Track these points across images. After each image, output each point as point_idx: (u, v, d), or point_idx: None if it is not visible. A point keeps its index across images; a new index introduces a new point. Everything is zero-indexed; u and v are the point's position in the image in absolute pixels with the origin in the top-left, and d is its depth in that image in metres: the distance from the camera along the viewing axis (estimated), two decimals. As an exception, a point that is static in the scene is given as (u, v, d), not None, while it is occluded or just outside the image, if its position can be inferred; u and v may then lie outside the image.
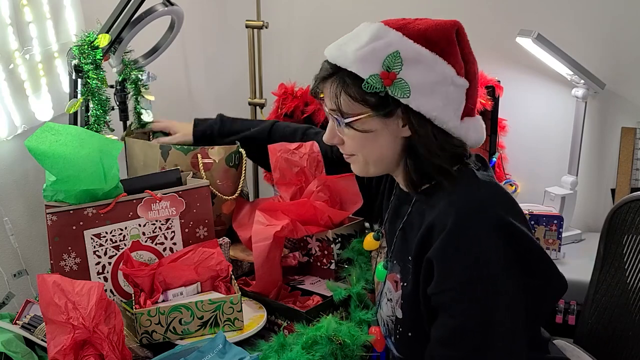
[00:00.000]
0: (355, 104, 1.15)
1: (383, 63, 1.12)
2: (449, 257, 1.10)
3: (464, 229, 1.09)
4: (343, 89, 1.16)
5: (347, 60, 1.14)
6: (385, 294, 1.26)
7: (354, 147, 1.21)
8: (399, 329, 1.22)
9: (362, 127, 1.17)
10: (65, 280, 1.21)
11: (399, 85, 1.12)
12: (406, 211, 1.25)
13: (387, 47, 1.13)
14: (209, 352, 1.21)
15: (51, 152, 1.36)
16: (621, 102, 2.28)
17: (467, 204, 1.13)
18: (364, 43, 1.14)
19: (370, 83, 1.12)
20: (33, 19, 1.67)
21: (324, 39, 2.56)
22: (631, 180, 2.26)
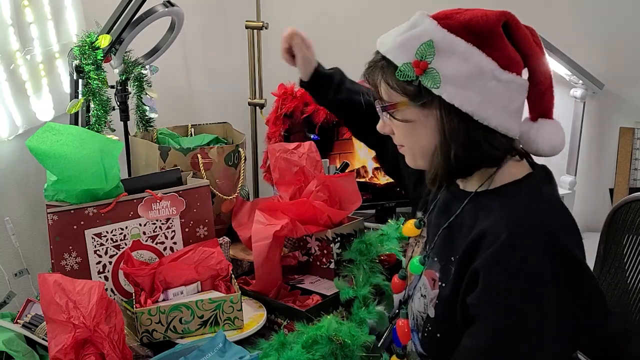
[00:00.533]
0: (393, 92, 1.12)
1: (416, 51, 1.09)
2: (497, 272, 1.04)
3: (518, 246, 1.04)
4: (382, 77, 1.13)
5: (386, 47, 1.12)
6: (420, 289, 1.21)
7: (400, 137, 1.18)
8: (428, 327, 1.18)
9: (401, 117, 1.13)
10: (66, 280, 1.21)
11: (430, 75, 1.08)
12: (457, 209, 1.19)
13: (421, 35, 1.09)
14: (209, 351, 1.21)
15: (52, 152, 1.36)
16: (619, 102, 2.28)
17: (525, 219, 1.06)
18: (403, 30, 1.12)
19: (403, 71, 1.09)
20: (34, 19, 1.68)
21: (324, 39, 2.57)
22: (629, 180, 2.27)
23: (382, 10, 2.46)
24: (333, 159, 2.25)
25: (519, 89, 1.12)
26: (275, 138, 2.14)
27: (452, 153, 1.10)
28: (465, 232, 1.14)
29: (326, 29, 2.55)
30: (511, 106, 1.11)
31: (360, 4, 2.51)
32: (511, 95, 1.10)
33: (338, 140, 2.25)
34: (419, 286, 1.22)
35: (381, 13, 2.45)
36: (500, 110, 1.09)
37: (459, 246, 1.13)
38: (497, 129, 1.09)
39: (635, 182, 2.26)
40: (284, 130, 2.15)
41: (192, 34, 2.38)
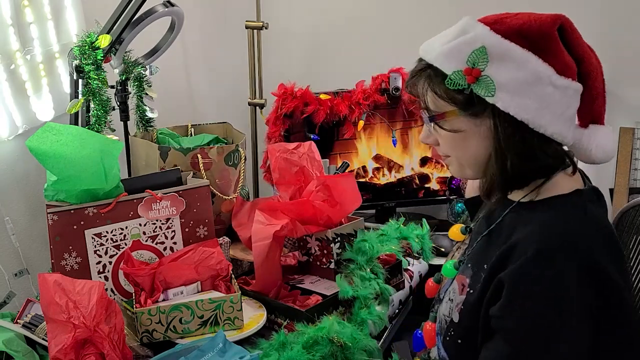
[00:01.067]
0: (441, 101, 1.09)
1: (468, 59, 1.04)
2: (523, 285, 1.01)
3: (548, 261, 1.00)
4: (429, 86, 1.09)
5: (433, 54, 1.08)
6: (449, 293, 1.19)
7: (446, 147, 1.14)
8: (451, 332, 1.16)
9: (450, 127, 1.09)
10: (66, 280, 1.21)
11: (483, 83, 1.03)
12: (498, 217, 1.16)
13: (473, 42, 1.05)
14: (209, 351, 1.21)
15: (52, 152, 1.36)
16: (619, 102, 2.28)
17: (561, 234, 1.03)
18: (451, 37, 1.07)
19: (453, 79, 1.05)
20: (34, 19, 1.68)
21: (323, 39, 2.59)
22: (630, 180, 2.26)
23: (382, 10, 2.46)
24: (333, 159, 2.25)
25: (574, 94, 1.07)
26: (275, 138, 2.15)
27: (508, 162, 1.06)
28: (501, 242, 1.10)
29: (326, 28, 2.55)
30: (567, 113, 1.07)
31: (360, 4, 2.51)
32: (568, 102, 1.06)
33: (338, 140, 2.25)
34: (449, 290, 1.20)
35: (381, 13, 2.45)
36: (557, 117, 1.05)
37: (492, 255, 1.10)
38: (553, 137, 1.05)
39: (635, 182, 2.26)
40: (284, 130, 2.16)
41: (192, 34, 2.38)
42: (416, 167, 2.31)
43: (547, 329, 1.00)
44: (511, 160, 1.06)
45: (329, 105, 2.15)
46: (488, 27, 1.05)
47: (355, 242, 1.59)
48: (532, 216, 1.08)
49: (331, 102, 2.16)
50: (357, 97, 2.17)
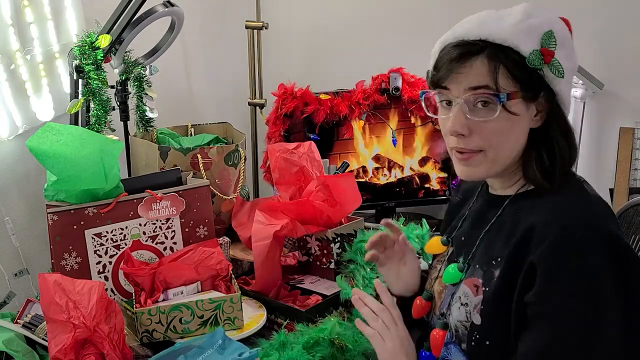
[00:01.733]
0: (511, 80, 1.07)
1: (541, 40, 1.07)
2: (557, 265, 1.01)
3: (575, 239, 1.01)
4: (501, 62, 1.08)
5: (503, 34, 1.07)
6: (460, 299, 1.17)
7: (490, 135, 1.09)
8: (475, 336, 1.13)
9: (512, 108, 1.07)
10: (66, 280, 1.21)
11: (555, 64, 1.06)
12: (494, 215, 1.17)
13: (543, 24, 1.08)
14: (209, 348, 1.22)
15: (52, 152, 1.37)
16: (619, 102, 2.28)
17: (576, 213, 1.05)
18: (521, 18, 1.08)
19: (532, 59, 1.06)
20: (34, 19, 1.68)
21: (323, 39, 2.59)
22: (629, 180, 2.27)
23: (382, 10, 2.46)
24: (333, 159, 2.26)
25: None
26: (275, 138, 2.15)
27: (558, 149, 1.10)
28: (506, 234, 1.11)
29: (326, 28, 2.56)
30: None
31: (360, 4, 2.51)
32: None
33: (338, 140, 2.25)
34: (457, 296, 1.18)
35: (381, 13, 2.46)
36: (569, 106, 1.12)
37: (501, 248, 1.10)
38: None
39: (635, 182, 2.26)
40: (284, 130, 2.16)
41: (192, 34, 2.38)
42: (416, 167, 2.31)
43: (588, 308, 1.00)
44: (569, 141, 1.11)
45: (329, 105, 2.15)
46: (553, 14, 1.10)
47: (355, 242, 1.59)
48: (535, 202, 1.10)
49: (331, 102, 2.16)
50: (357, 97, 2.17)
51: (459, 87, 1.09)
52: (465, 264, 1.19)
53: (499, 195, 1.18)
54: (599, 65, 2.22)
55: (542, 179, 1.11)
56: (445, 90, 1.11)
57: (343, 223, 1.62)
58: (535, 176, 1.11)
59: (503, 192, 1.17)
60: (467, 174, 1.14)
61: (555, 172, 1.11)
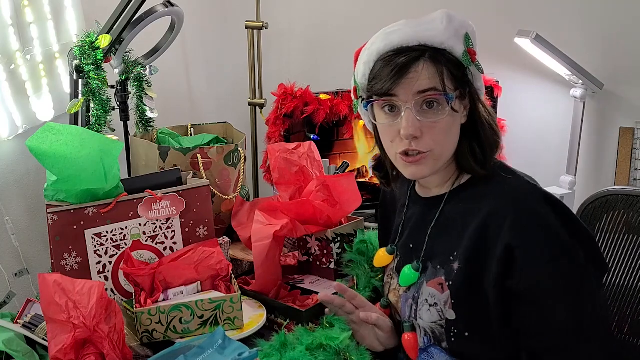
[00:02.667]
0: (451, 80, 1.14)
1: (464, 41, 1.15)
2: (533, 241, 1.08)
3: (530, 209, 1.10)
4: (443, 65, 1.13)
5: (440, 37, 1.13)
6: (426, 301, 1.19)
7: (438, 135, 1.15)
8: (453, 331, 1.16)
9: (455, 107, 1.15)
10: (66, 280, 1.21)
11: (477, 63, 1.16)
12: (435, 214, 1.22)
13: (461, 27, 1.15)
14: (209, 348, 1.21)
15: (52, 152, 1.36)
16: (619, 102, 2.28)
17: (518, 187, 1.14)
18: (446, 23, 1.14)
19: (464, 59, 1.14)
20: (34, 19, 1.68)
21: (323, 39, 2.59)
22: (629, 180, 2.27)
23: (381, 10, 2.46)
24: (333, 158, 2.26)
25: None
26: (275, 138, 2.15)
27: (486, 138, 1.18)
28: (457, 228, 1.16)
29: (326, 28, 2.56)
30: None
31: (360, 4, 2.51)
32: None
33: (338, 140, 2.25)
34: (423, 299, 1.20)
35: (380, 13, 2.46)
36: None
37: (454, 242, 1.15)
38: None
39: (635, 182, 2.26)
40: (284, 130, 2.16)
41: (192, 34, 2.39)
42: (416, 167, 2.30)
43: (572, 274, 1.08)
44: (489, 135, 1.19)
45: (329, 105, 2.15)
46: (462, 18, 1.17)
47: (355, 243, 1.59)
48: (477, 191, 1.18)
49: (331, 102, 2.16)
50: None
51: (407, 92, 1.13)
52: (419, 263, 1.22)
53: (433, 196, 1.24)
54: (599, 65, 2.22)
55: (477, 167, 1.19)
56: (392, 97, 1.15)
57: (343, 223, 1.62)
58: (472, 166, 1.19)
59: (438, 192, 1.23)
60: (416, 173, 1.19)
61: (487, 159, 1.19)
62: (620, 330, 1.52)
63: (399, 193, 1.38)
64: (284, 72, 2.34)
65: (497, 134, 1.20)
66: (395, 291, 1.31)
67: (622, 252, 1.55)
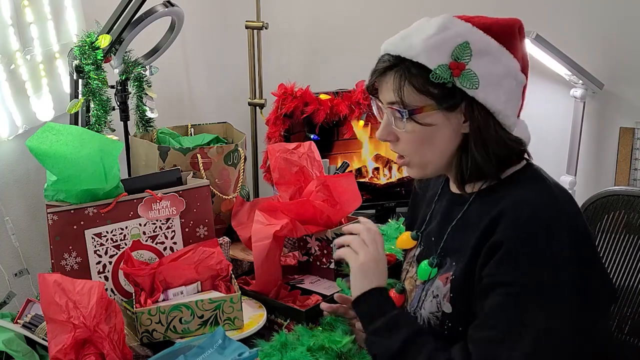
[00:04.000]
0: (419, 95, 1.11)
1: (452, 53, 1.10)
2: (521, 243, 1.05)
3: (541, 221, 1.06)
4: (407, 79, 1.11)
5: (414, 50, 1.11)
6: (432, 292, 1.20)
7: (410, 144, 1.16)
8: (447, 324, 1.17)
9: (424, 121, 1.13)
10: (66, 280, 1.21)
11: (467, 76, 1.10)
12: (459, 212, 1.21)
13: (456, 37, 1.10)
14: (209, 348, 1.21)
15: (52, 152, 1.36)
16: (619, 102, 2.28)
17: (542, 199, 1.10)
18: (432, 33, 1.11)
19: (438, 73, 1.09)
20: (34, 19, 1.68)
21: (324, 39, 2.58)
22: (629, 180, 2.27)
23: (381, 10, 2.46)
24: (333, 159, 2.25)
25: (522, 88, 1.18)
26: (275, 138, 2.14)
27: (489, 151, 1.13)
28: (473, 227, 1.15)
29: (326, 28, 2.55)
30: (518, 105, 1.18)
31: (360, 4, 2.51)
32: (520, 95, 1.17)
33: (338, 140, 2.25)
34: (430, 290, 1.21)
35: (380, 13, 2.45)
36: (515, 109, 1.16)
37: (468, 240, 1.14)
38: (510, 129, 1.15)
39: (635, 182, 2.26)
40: (284, 130, 2.16)
41: (192, 34, 2.39)
42: (416, 167, 2.30)
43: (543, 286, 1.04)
44: (492, 149, 1.13)
45: (329, 105, 2.15)
46: (469, 24, 1.12)
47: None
48: (500, 194, 1.14)
49: (331, 102, 2.16)
50: (357, 97, 2.17)
51: (382, 99, 1.18)
52: (435, 259, 1.22)
53: (458, 194, 1.22)
54: (599, 65, 2.22)
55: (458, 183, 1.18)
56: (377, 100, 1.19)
57: (343, 223, 1.62)
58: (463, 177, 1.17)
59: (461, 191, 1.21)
60: (409, 174, 1.23)
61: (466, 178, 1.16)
62: (621, 330, 1.52)
63: (433, 182, 1.37)
64: (284, 72, 2.34)
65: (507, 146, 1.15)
66: (412, 279, 1.31)
67: (623, 252, 1.55)
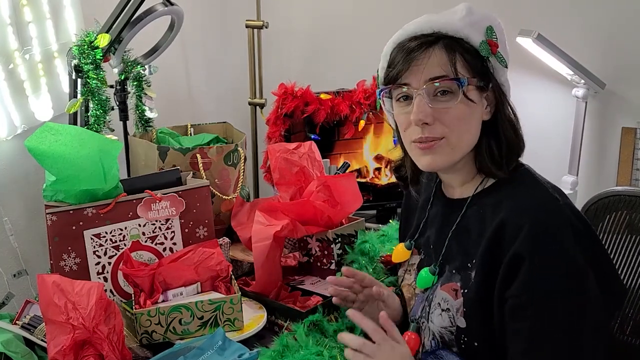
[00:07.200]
0: (466, 69, 1.12)
1: (485, 33, 1.14)
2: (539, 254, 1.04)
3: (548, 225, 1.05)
4: (457, 51, 1.12)
5: (454, 27, 1.13)
6: (439, 305, 1.18)
7: (452, 122, 1.12)
8: (463, 339, 1.14)
9: (470, 95, 1.12)
10: (65, 281, 1.20)
11: (500, 56, 1.14)
12: (457, 217, 1.20)
13: (483, 20, 1.15)
14: (209, 349, 1.21)
15: (51, 152, 1.36)
16: (621, 102, 2.28)
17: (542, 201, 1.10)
18: (464, 14, 1.14)
19: (482, 48, 1.13)
20: (33, 18, 1.67)
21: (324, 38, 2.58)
22: (631, 180, 2.26)
23: (381, 10, 2.46)
24: (334, 159, 2.25)
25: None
26: (275, 138, 2.14)
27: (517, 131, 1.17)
28: (475, 234, 1.13)
29: (326, 28, 2.55)
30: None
31: (361, 3, 2.50)
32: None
33: (339, 140, 2.24)
34: (436, 303, 1.19)
35: (380, 13, 2.45)
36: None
37: (473, 249, 1.13)
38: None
39: (637, 182, 2.25)
40: (285, 130, 2.15)
41: (192, 33, 2.38)
42: (417, 167, 2.30)
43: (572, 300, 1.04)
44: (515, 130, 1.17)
45: (329, 105, 2.14)
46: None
47: (357, 244, 1.58)
48: (497, 198, 1.14)
49: (332, 101, 2.15)
50: (358, 97, 2.17)
51: (418, 79, 1.13)
52: (436, 267, 1.21)
53: (457, 198, 1.21)
54: (600, 65, 2.22)
55: (493, 168, 1.16)
56: (403, 87, 1.15)
57: (344, 224, 1.61)
58: (487, 166, 1.16)
59: (462, 194, 1.21)
60: (430, 163, 1.16)
61: (504, 162, 1.16)
62: (622, 331, 1.51)
63: (424, 189, 1.36)
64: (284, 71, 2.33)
65: (520, 137, 1.18)
66: (410, 287, 1.30)
67: (625, 252, 1.54)
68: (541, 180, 1.16)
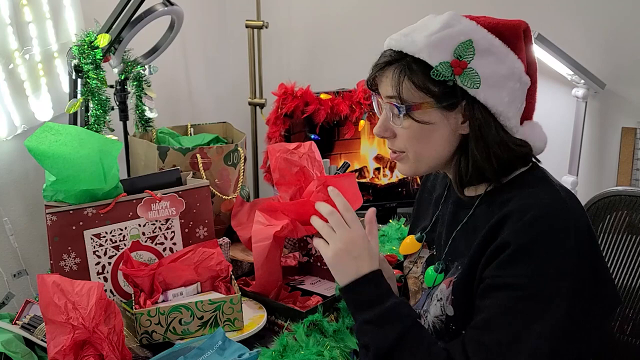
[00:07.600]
0: (417, 92, 1.10)
1: (454, 51, 1.08)
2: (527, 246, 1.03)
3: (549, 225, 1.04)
4: (407, 75, 1.10)
5: (416, 46, 1.10)
6: (436, 296, 1.19)
7: (407, 140, 1.15)
8: (452, 327, 1.16)
9: (421, 118, 1.11)
10: (65, 281, 1.20)
11: (469, 75, 1.08)
12: (465, 215, 1.20)
13: (459, 35, 1.09)
14: (209, 349, 1.21)
15: (51, 152, 1.36)
16: (621, 102, 2.28)
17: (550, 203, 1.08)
18: (436, 30, 1.10)
19: (440, 70, 1.08)
20: (33, 18, 1.67)
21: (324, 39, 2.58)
22: (631, 180, 2.26)
23: (381, 10, 2.46)
24: (334, 159, 2.25)
25: (526, 92, 1.16)
26: (275, 138, 2.14)
27: (491, 152, 1.11)
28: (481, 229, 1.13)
29: (327, 28, 2.55)
30: (521, 108, 1.15)
31: (361, 3, 2.50)
32: (523, 98, 1.14)
33: (339, 140, 2.24)
34: (435, 294, 1.20)
35: (380, 13, 2.45)
36: (517, 111, 1.13)
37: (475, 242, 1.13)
38: (512, 131, 1.13)
39: (637, 182, 2.26)
40: (285, 130, 2.15)
41: (192, 33, 2.38)
42: (417, 167, 2.30)
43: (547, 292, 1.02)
44: (494, 151, 1.11)
45: (329, 105, 2.14)
46: (474, 22, 1.11)
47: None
48: (508, 195, 1.13)
49: (332, 101, 2.15)
50: (358, 97, 2.17)
51: (382, 93, 1.17)
52: (440, 264, 1.21)
53: (468, 196, 1.20)
54: (600, 65, 2.22)
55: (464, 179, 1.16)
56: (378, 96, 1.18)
57: (344, 223, 1.61)
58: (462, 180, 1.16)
59: (472, 193, 1.20)
60: (400, 170, 1.22)
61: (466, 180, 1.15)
62: (622, 331, 1.52)
63: (439, 183, 1.36)
64: (284, 71, 2.33)
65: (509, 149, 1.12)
66: (417, 280, 1.30)
67: (625, 253, 1.54)
68: (554, 182, 1.15)
